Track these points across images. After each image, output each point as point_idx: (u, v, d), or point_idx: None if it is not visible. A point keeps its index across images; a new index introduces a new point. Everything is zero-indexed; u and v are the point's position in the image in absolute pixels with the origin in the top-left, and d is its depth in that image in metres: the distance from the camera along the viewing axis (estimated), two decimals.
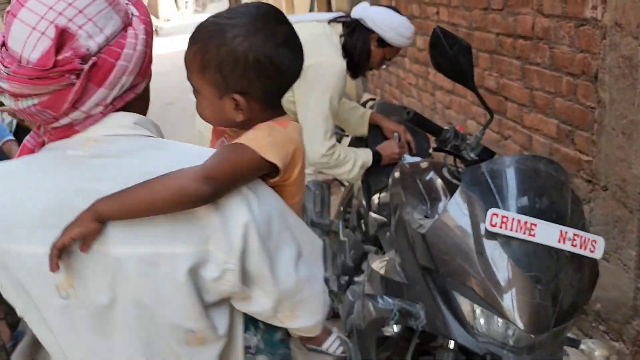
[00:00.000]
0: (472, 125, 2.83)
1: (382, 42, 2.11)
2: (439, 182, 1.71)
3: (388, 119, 2.39)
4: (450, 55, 1.36)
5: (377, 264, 1.78)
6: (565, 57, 1.95)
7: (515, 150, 2.42)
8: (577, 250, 1.28)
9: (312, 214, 2.69)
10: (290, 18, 2.17)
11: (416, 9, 3.37)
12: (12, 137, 2.54)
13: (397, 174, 1.86)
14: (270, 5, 0.95)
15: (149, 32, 0.85)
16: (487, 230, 1.26)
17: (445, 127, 1.49)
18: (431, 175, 1.76)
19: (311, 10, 5.11)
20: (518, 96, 2.32)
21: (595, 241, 1.30)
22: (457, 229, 1.31)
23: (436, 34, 1.37)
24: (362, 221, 2.29)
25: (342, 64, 2.00)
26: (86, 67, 0.74)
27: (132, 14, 0.85)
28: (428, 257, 1.35)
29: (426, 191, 1.70)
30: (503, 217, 1.25)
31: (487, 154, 1.48)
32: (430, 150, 1.61)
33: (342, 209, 2.68)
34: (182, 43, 1.38)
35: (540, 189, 1.31)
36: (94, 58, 0.75)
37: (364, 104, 2.75)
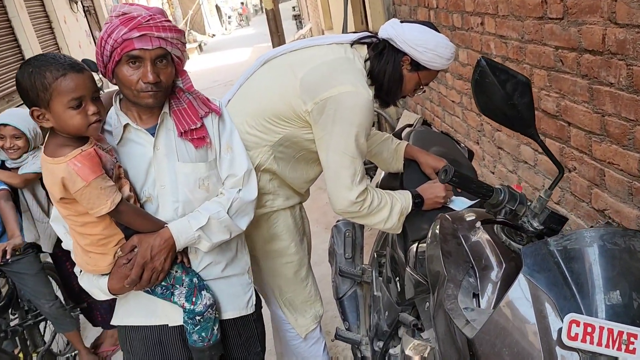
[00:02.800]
0: (527, 152, 2.42)
1: (416, 65, 1.76)
2: (489, 243, 1.35)
3: (427, 153, 2.03)
4: (502, 95, 1.00)
5: (413, 349, 1.43)
6: None
7: (583, 186, 2.01)
8: None
9: (342, 260, 2.36)
10: (308, 42, 1.85)
11: (457, 20, 2.99)
12: (4, 187, 2.35)
13: (436, 230, 1.51)
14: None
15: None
16: (563, 342, 0.89)
17: (497, 186, 1.13)
18: (480, 234, 1.40)
19: (345, 22, 4.79)
20: (585, 122, 1.91)
21: None
22: (518, 336, 0.95)
23: (481, 68, 1.01)
24: (397, 277, 1.94)
25: (367, 93, 1.67)
26: None
27: None
28: None
29: (474, 256, 1.33)
30: (587, 325, 0.88)
31: (555, 222, 1.10)
32: (477, 224, 1.25)
33: (375, 254, 2.33)
34: (224, 58, 1.20)
35: (639, 280, 0.93)
36: None
37: (399, 132, 2.40)
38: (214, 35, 25.28)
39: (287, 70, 1.76)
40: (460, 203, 1.85)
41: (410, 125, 2.51)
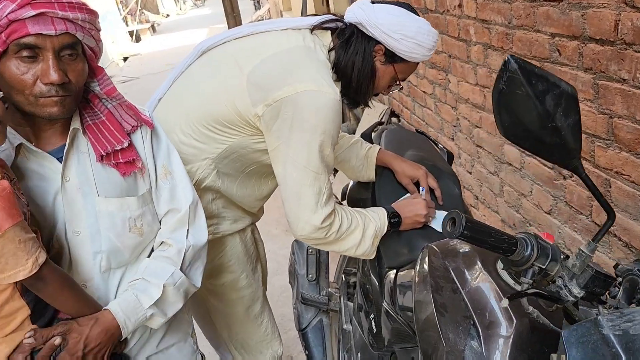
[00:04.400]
0: (512, 153, 2.14)
1: (391, 56, 1.43)
2: (494, 290, 1.05)
3: (402, 159, 1.71)
4: (540, 114, 0.68)
5: None
6: None
7: (582, 197, 1.74)
8: None
9: (304, 283, 2.03)
10: (258, 26, 1.49)
11: (430, 1, 2.67)
12: None
13: (424, 266, 1.20)
14: None
15: None
16: None
17: (520, 236, 0.81)
18: (480, 275, 1.10)
19: (303, 3, 4.39)
20: (587, 123, 1.63)
21: None
22: None
23: (511, 73, 0.67)
24: (371, 306, 1.62)
25: (333, 91, 1.32)
26: None
27: None
28: None
29: (475, 308, 1.03)
30: None
31: (599, 285, 0.80)
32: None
33: (344, 275, 2.01)
34: (179, 39, 0.82)
35: None
36: None
37: (369, 133, 2.07)
38: (168, 15, 24.29)
39: (231, 62, 1.39)
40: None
41: (381, 123, 2.18)
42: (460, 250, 1.24)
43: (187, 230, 1.17)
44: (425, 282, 1.12)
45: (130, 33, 16.90)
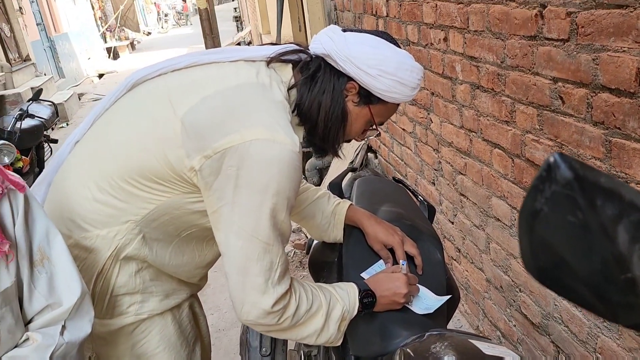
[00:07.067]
0: (501, 208, 1.88)
1: (366, 96, 1.16)
2: None
3: (376, 219, 1.43)
4: (606, 255, 0.40)
5: None
6: None
7: None
8: None
9: (257, 358, 1.71)
10: (202, 56, 1.20)
11: (413, 32, 2.43)
12: None
13: None
14: None
15: None
16: None
17: None
18: None
19: (278, 29, 4.15)
20: None
21: None
22: None
23: (559, 183, 0.38)
24: None
25: (291, 141, 1.04)
26: None
27: None
28: None
29: None
30: None
31: None
32: None
33: (304, 348, 1.70)
34: (157, 58, 0.90)
35: None
36: None
37: (339, 182, 1.79)
38: (149, 33, 24.12)
39: (163, 101, 1.10)
40: (427, 301, 1.27)
41: (354, 170, 1.91)
42: (445, 358, 0.97)
43: (63, 326, 0.87)
44: None
45: (108, 50, 16.58)
